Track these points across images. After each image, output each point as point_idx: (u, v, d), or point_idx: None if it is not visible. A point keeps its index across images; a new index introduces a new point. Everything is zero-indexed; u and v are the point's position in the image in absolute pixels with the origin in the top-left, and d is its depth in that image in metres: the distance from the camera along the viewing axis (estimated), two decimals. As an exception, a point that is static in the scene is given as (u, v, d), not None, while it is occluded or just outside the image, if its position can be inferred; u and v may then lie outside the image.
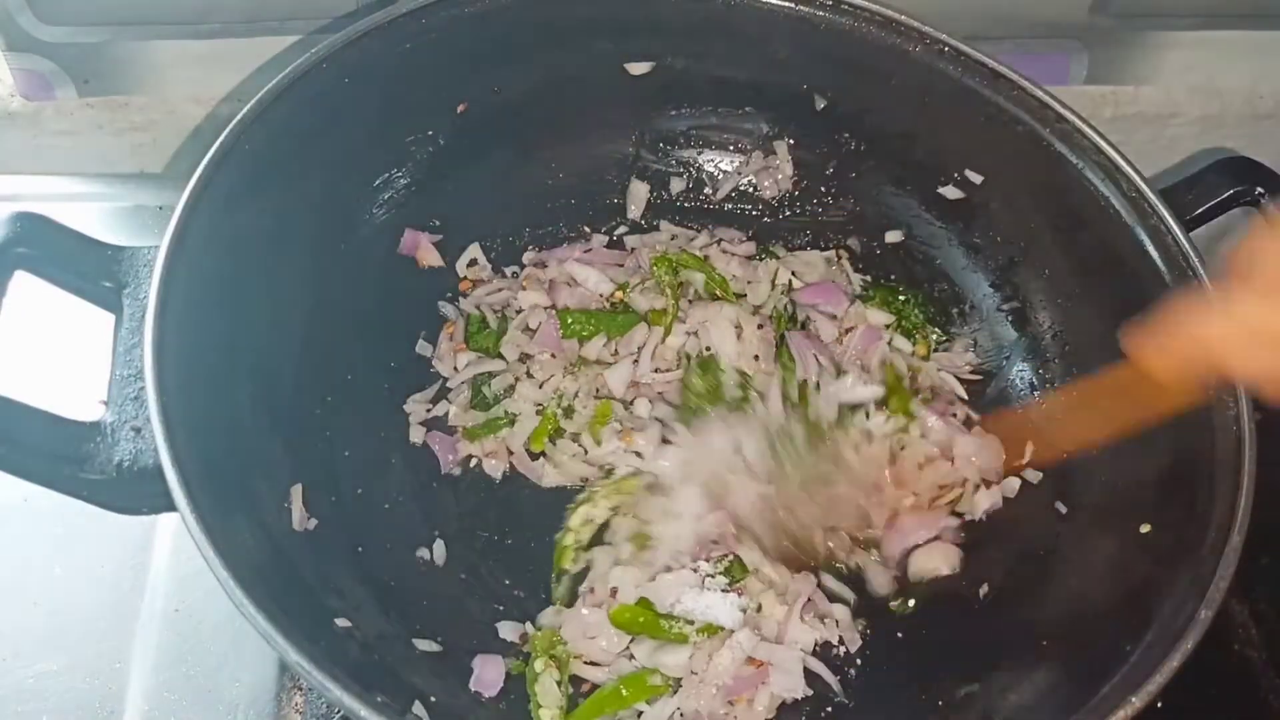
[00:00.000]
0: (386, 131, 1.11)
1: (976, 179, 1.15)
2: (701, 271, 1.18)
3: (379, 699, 0.77)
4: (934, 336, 1.20)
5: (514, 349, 1.13)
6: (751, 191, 1.27)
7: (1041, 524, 1.05)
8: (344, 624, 0.89)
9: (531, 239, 1.24)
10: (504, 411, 1.10)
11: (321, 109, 1.03)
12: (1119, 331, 0.92)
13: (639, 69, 1.18)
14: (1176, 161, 1.46)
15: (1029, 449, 1.09)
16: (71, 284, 0.96)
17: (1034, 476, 1.08)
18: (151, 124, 1.35)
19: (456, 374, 1.14)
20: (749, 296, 1.18)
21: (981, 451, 1.09)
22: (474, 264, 1.21)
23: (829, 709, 0.98)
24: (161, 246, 0.89)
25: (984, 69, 1.08)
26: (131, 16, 1.22)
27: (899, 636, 1.03)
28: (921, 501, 1.08)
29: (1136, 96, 1.40)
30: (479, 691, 0.95)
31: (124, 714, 1.00)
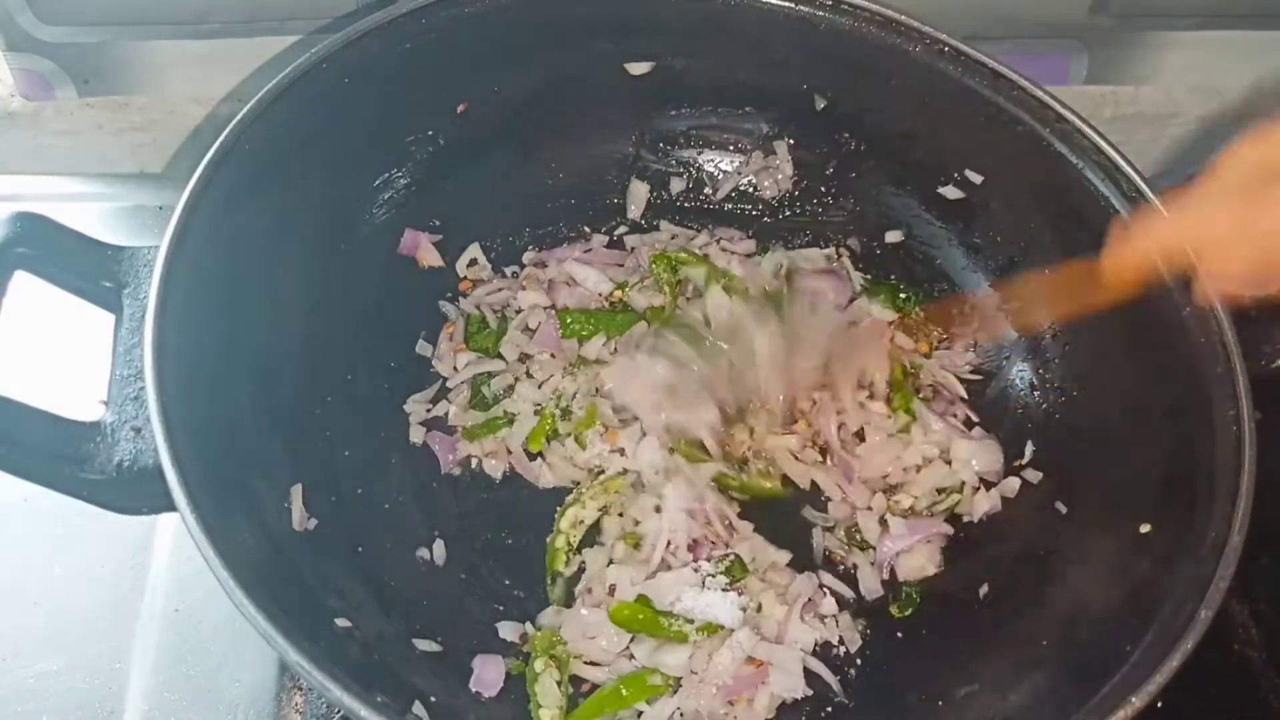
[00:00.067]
0: (386, 131, 1.11)
1: (976, 179, 1.15)
2: (702, 266, 1.18)
3: (379, 699, 0.77)
4: (935, 334, 1.20)
5: (513, 349, 1.13)
6: (751, 191, 1.27)
7: (1041, 524, 1.05)
8: (344, 624, 0.89)
9: (531, 239, 1.24)
10: (503, 411, 1.11)
11: (321, 109, 1.03)
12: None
13: (639, 69, 1.18)
14: (1176, 162, 1.46)
15: (1029, 448, 1.09)
16: (71, 284, 0.96)
17: (1034, 476, 1.08)
18: (151, 124, 1.35)
19: (456, 374, 1.14)
20: (749, 289, 1.18)
21: (980, 454, 1.09)
22: (474, 264, 1.21)
23: (829, 709, 0.98)
24: (161, 246, 0.89)
25: (984, 69, 1.08)
26: (131, 16, 1.22)
27: (899, 636, 1.03)
28: (919, 506, 1.08)
29: (1136, 96, 1.40)
30: (479, 691, 0.95)
31: (124, 714, 1.00)
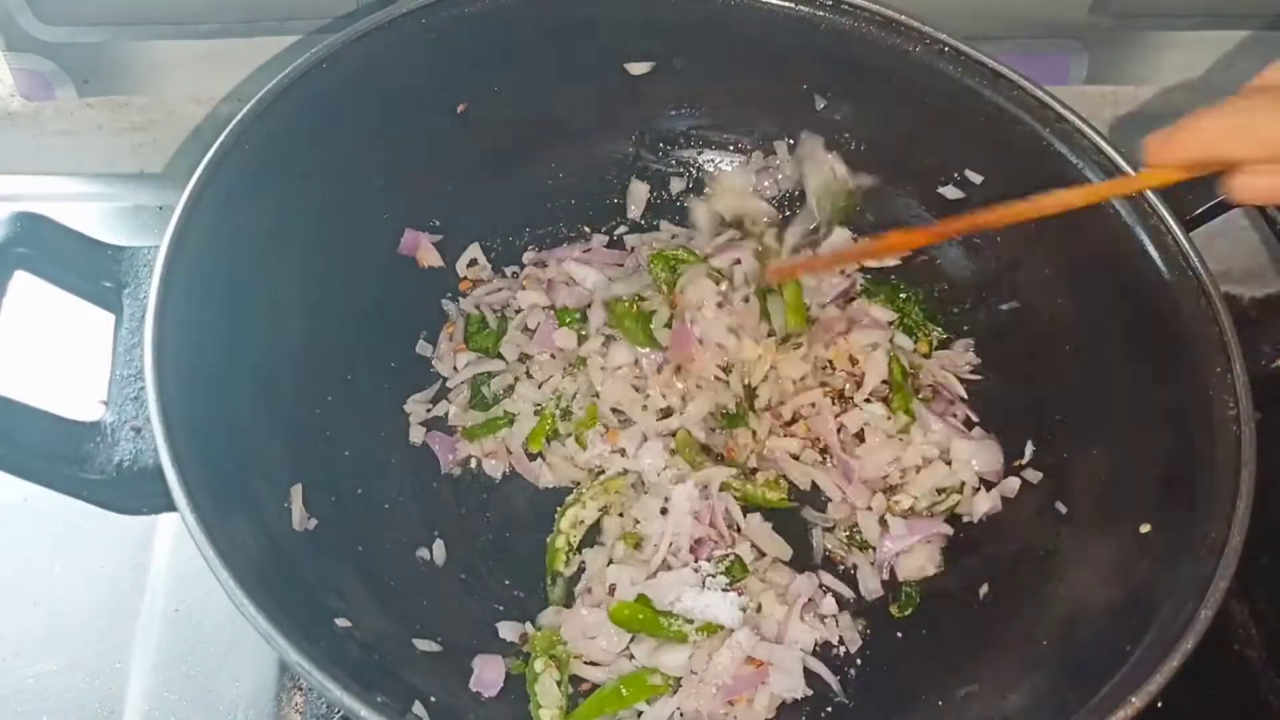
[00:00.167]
0: (386, 131, 1.11)
1: (976, 179, 1.15)
2: (701, 265, 1.17)
3: (379, 699, 0.77)
4: (935, 334, 1.20)
5: (513, 349, 1.13)
6: (752, 191, 1.27)
7: (1041, 524, 1.05)
8: (344, 624, 0.89)
9: (531, 239, 1.24)
10: (503, 411, 1.11)
11: (321, 109, 1.03)
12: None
13: (639, 69, 1.18)
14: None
15: (1029, 448, 1.09)
16: (71, 284, 0.96)
17: (1034, 476, 1.08)
18: (151, 124, 1.35)
19: (456, 374, 1.14)
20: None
21: (980, 454, 1.09)
22: (474, 264, 1.21)
23: (829, 709, 0.98)
24: (161, 246, 0.89)
25: (984, 69, 1.08)
26: (131, 16, 1.22)
27: (899, 637, 1.03)
28: (919, 507, 1.08)
29: (1136, 96, 1.40)
30: (479, 691, 0.95)
31: (124, 714, 1.00)
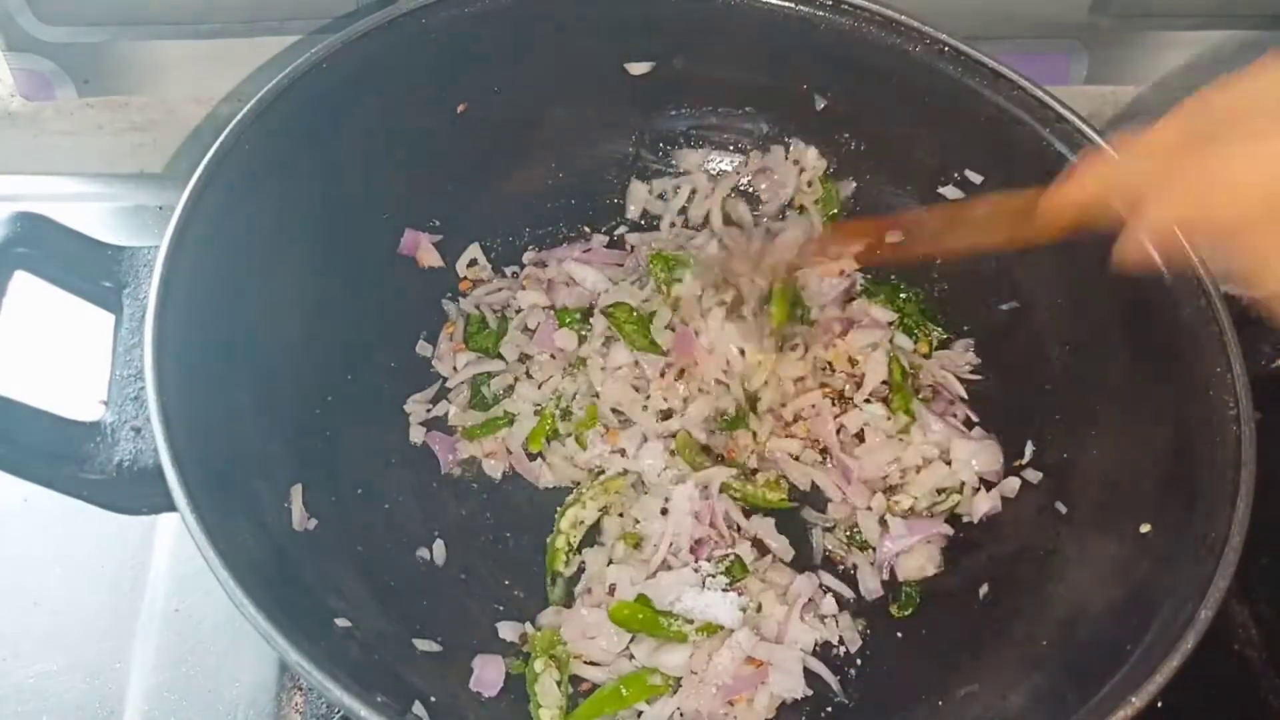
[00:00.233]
0: (386, 131, 1.11)
1: (976, 179, 1.15)
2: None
3: (379, 699, 0.77)
4: (935, 334, 1.20)
5: (513, 349, 1.13)
6: (751, 191, 1.27)
7: (1041, 524, 1.05)
8: (344, 624, 0.89)
9: (531, 239, 1.24)
10: (503, 411, 1.11)
11: (321, 109, 1.03)
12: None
13: (639, 69, 1.18)
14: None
15: (1029, 448, 1.09)
16: (71, 284, 0.96)
17: (1034, 476, 1.08)
18: (151, 124, 1.35)
19: (456, 374, 1.14)
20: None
21: (980, 454, 1.09)
22: (474, 264, 1.21)
23: (829, 709, 0.98)
24: (161, 246, 0.89)
25: (984, 69, 1.08)
26: (131, 16, 1.22)
27: (899, 636, 1.03)
28: (919, 507, 1.08)
29: (1136, 96, 1.40)
30: (479, 691, 0.95)
31: (124, 714, 1.00)
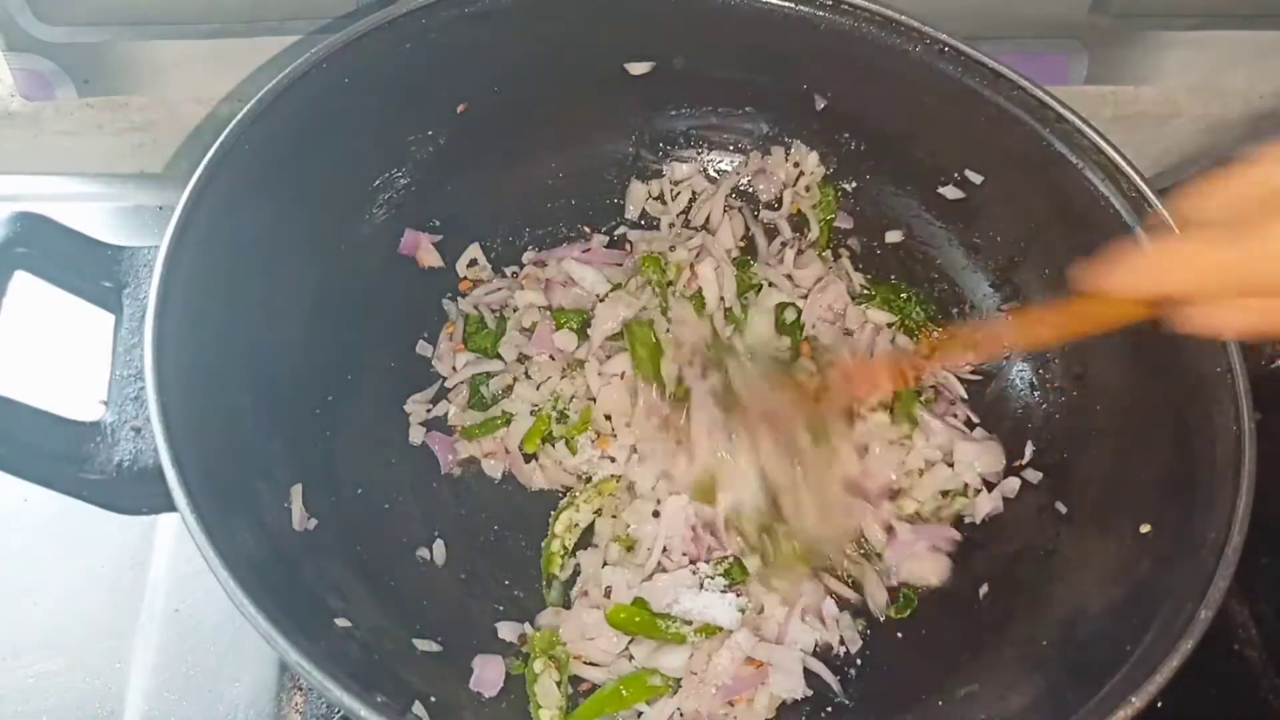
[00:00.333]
0: (386, 131, 1.11)
1: (976, 179, 1.15)
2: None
3: (379, 699, 0.77)
4: (936, 334, 1.20)
5: (512, 349, 1.13)
6: (751, 191, 1.27)
7: (1041, 524, 1.05)
8: (344, 624, 0.89)
9: (531, 239, 1.24)
10: (501, 411, 1.11)
11: (321, 109, 1.03)
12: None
13: (639, 69, 1.18)
14: (1176, 161, 1.46)
15: (1029, 448, 1.09)
16: (71, 284, 0.96)
17: (1034, 476, 1.08)
18: (151, 124, 1.35)
19: (455, 374, 1.14)
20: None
21: (982, 455, 1.09)
22: (474, 264, 1.20)
23: (829, 709, 0.98)
24: (161, 246, 0.89)
25: (984, 69, 1.08)
26: (131, 16, 1.22)
27: (899, 636, 1.03)
28: (924, 511, 1.08)
29: (1136, 96, 1.40)
30: (479, 691, 0.95)
31: (124, 714, 1.00)
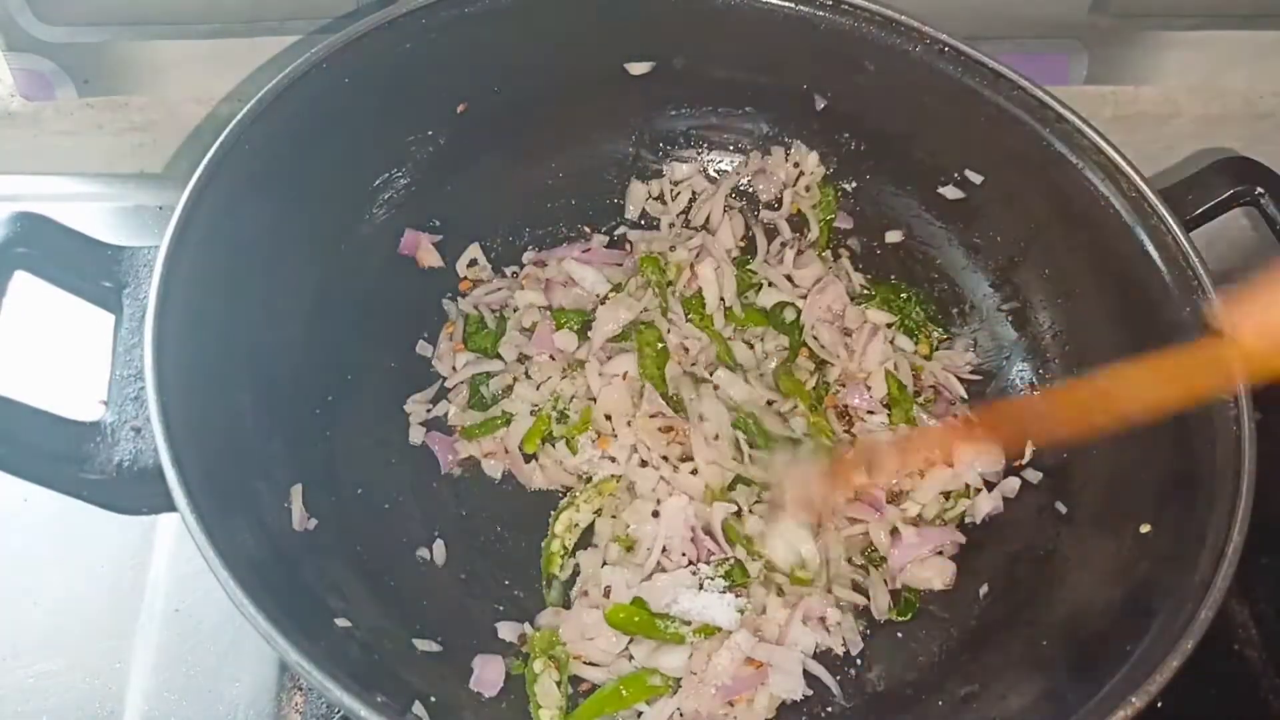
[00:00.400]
0: (386, 131, 1.11)
1: (976, 179, 1.15)
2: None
3: (379, 699, 0.77)
4: (936, 335, 1.20)
5: (512, 349, 1.13)
6: (751, 191, 1.27)
7: (1041, 524, 1.05)
8: (344, 624, 0.89)
9: (531, 239, 1.24)
10: (501, 411, 1.10)
11: (321, 109, 1.03)
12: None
13: (639, 69, 1.18)
14: (1176, 161, 1.46)
15: (1029, 448, 1.09)
16: (71, 284, 0.96)
17: (1034, 476, 1.08)
18: (151, 124, 1.35)
19: (455, 374, 1.14)
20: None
21: (982, 456, 1.09)
22: (474, 264, 1.20)
23: (829, 709, 0.98)
24: (162, 246, 0.89)
25: (984, 69, 1.08)
26: (131, 16, 1.22)
27: (899, 637, 1.03)
28: (927, 513, 1.08)
29: (1136, 96, 1.40)
30: (479, 691, 0.95)
31: (124, 714, 1.00)
